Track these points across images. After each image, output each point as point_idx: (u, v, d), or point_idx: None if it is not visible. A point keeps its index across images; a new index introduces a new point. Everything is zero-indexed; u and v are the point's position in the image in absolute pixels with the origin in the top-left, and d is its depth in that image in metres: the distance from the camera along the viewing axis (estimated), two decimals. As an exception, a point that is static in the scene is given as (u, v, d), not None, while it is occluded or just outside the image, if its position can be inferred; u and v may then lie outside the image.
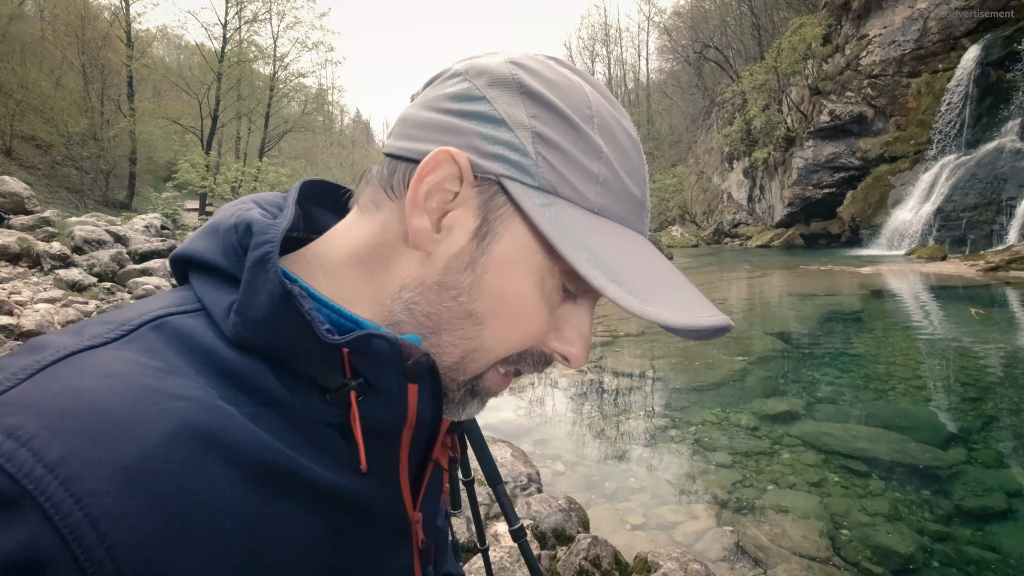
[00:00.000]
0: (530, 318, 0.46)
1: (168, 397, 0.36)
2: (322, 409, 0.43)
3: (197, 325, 0.42)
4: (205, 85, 29.52)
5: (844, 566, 2.48)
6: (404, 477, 0.48)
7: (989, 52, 16.77)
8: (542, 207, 0.44)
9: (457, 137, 0.45)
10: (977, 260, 12.42)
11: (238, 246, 0.44)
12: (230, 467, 0.36)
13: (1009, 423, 3.91)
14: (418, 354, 0.43)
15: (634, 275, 0.43)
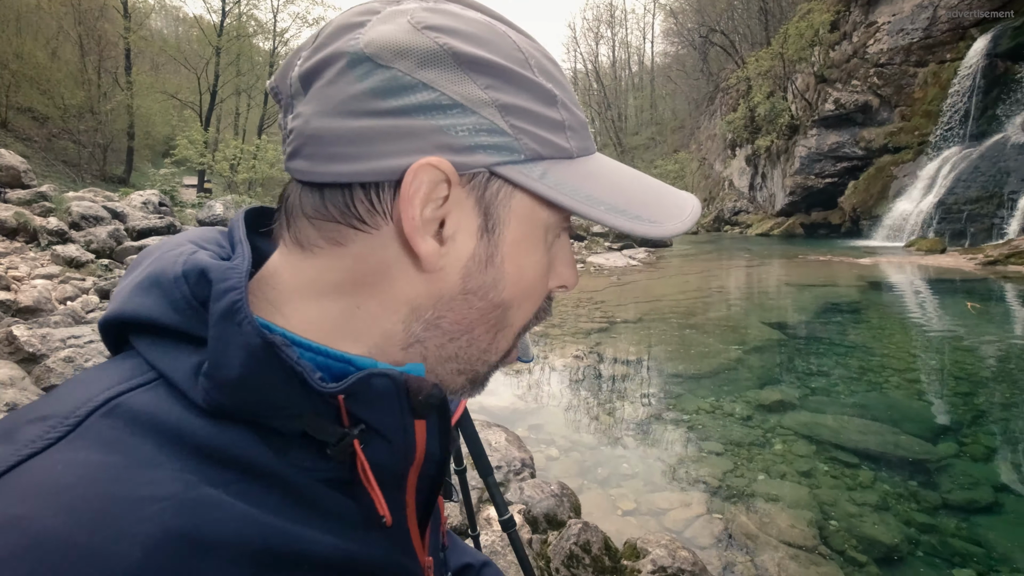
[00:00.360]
0: (544, 276, 0.46)
1: (138, 503, 0.30)
2: (318, 466, 0.39)
3: (157, 400, 0.36)
4: (204, 60, 29.15)
5: (830, 555, 2.52)
6: (413, 524, 0.45)
7: (998, 43, 16.58)
8: (541, 179, 0.41)
9: (416, 140, 0.38)
10: (976, 254, 12.42)
11: (191, 298, 0.38)
12: (227, 567, 0.32)
13: (1000, 417, 3.95)
14: (428, 387, 0.39)
15: (638, 203, 0.44)
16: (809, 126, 23.76)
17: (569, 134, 0.43)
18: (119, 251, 8.24)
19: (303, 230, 0.41)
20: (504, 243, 0.42)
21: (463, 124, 0.39)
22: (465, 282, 0.42)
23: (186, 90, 30.46)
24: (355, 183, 0.39)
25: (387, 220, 0.39)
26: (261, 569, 0.33)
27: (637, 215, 0.43)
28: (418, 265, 0.40)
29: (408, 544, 0.45)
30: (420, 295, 0.41)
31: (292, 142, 0.40)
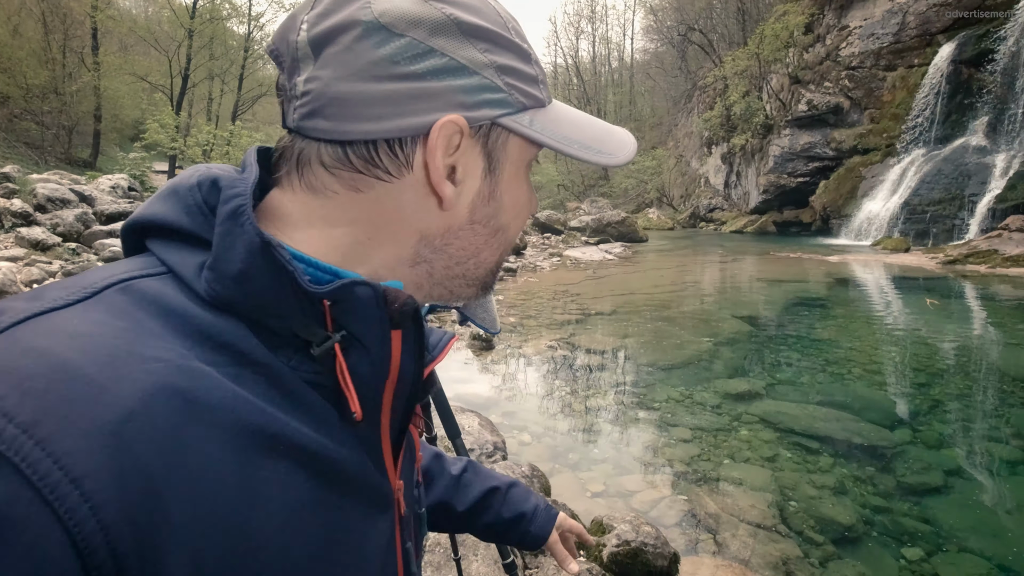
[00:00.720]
0: (528, 201, 0.55)
1: (141, 359, 0.34)
2: (304, 366, 0.42)
3: (165, 287, 0.40)
4: (175, 42, 28.28)
5: (788, 533, 2.63)
6: (386, 441, 0.48)
7: (963, 50, 17.11)
8: (530, 126, 0.48)
9: (435, 100, 0.44)
10: (937, 253, 12.86)
11: (203, 204, 0.43)
12: (213, 429, 0.35)
13: (953, 407, 4.14)
14: (403, 297, 0.43)
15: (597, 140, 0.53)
16: (783, 126, 24.21)
17: (541, 86, 0.50)
18: (87, 235, 8.00)
19: (320, 178, 0.45)
20: (502, 179, 0.50)
21: (469, 84, 0.45)
22: (472, 214, 0.49)
23: (156, 73, 29.49)
24: (380, 139, 0.44)
25: (409, 169, 0.45)
26: (239, 441, 0.36)
27: (599, 150, 0.52)
28: (436, 205, 0.47)
29: (380, 461, 0.48)
30: (431, 227, 0.48)
31: (309, 103, 0.44)
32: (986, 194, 14.37)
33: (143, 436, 0.32)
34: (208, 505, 0.34)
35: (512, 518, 0.87)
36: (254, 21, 31.59)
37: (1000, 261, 11.02)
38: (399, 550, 0.52)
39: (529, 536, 0.87)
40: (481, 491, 0.86)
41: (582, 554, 2.14)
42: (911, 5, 19.33)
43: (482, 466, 0.90)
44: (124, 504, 0.31)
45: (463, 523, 0.86)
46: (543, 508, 0.90)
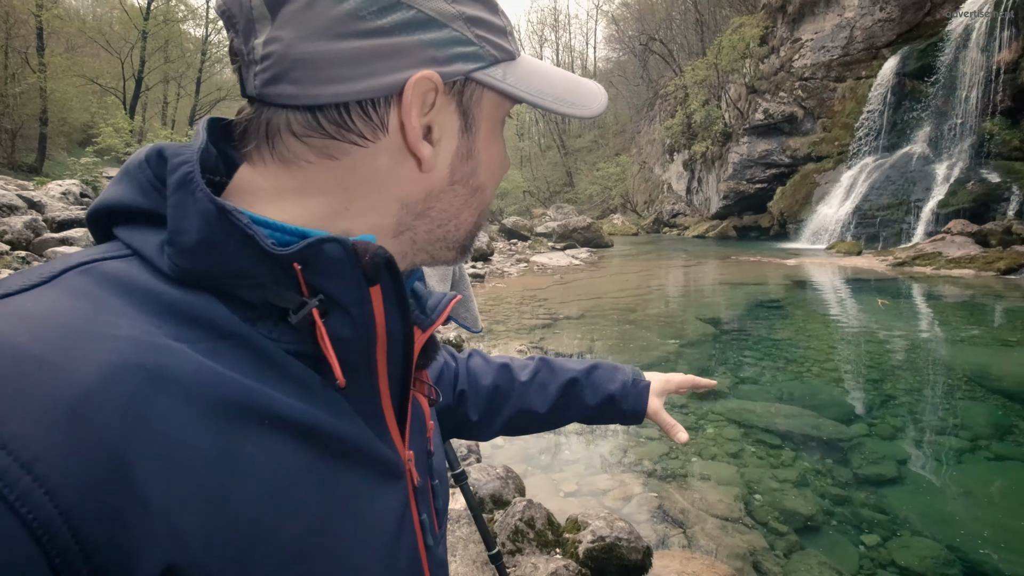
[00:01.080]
0: (504, 158, 0.53)
1: (101, 336, 0.32)
2: (285, 337, 0.40)
3: (130, 267, 0.38)
4: (128, 43, 27.36)
5: (754, 525, 2.72)
6: (388, 410, 0.46)
7: (906, 63, 18.04)
8: (504, 80, 0.46)
9: (405, 56, 0.41)
10: (887, 256, 13.47)
11: (154, 179, 0.41)
12: (185, 402, 0.33)
13: (904, 401, 4.34)
14: (372, 248, 0.40)
15: (569, 92, 0.51)
16: (741, 134, 25.00)
17: (510, 38, 0.49)
18: (37, 243, 7.65)
19: (291, 148, 0.42)
20: (478, 137, 0.48)
21: (440, 37, 0.42)
22: (452, 175, 0.47)
23: (107, 75, 28.44)
24: (351, 101, 0.41)
25: (384, 132, 0.42)
26: (216, 415, 0.34)
27: (572, 102, 0.50)
28: (415, 168, 0.45)
29: (384, 430, 0.46)
30: (411, 192, 0.46)
31: (271, 68, 0.40)
32: (930, 200, 15.14)
33: (104, 412, 0.30)
34: (186, 480, 0.32)
35: (600, 403, 0.85)
36: (212, 24, 30.85)
37: (944, 263, 11.61)
38: (416, 522, 0.49)
39: (626, 416, 0.86)
40: (559, 387, 0.84)
41: (557, 552, 2.17)
42: (858, 20, 20.28)
43: (556, 360, 0.87)
44: (86, 485, 0.29)
45: (551, 422, 0.85)
46: (632, 383, 0.86)
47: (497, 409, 0.82)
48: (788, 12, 23.29)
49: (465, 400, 0.80)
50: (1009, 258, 10.65)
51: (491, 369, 0.83)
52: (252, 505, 0.34)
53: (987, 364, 5.08)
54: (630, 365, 0.91)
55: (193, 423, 0.33)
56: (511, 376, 0.84)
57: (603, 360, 0.90)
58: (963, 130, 15.91)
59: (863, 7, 20.06)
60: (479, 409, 0.81)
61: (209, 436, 0.33)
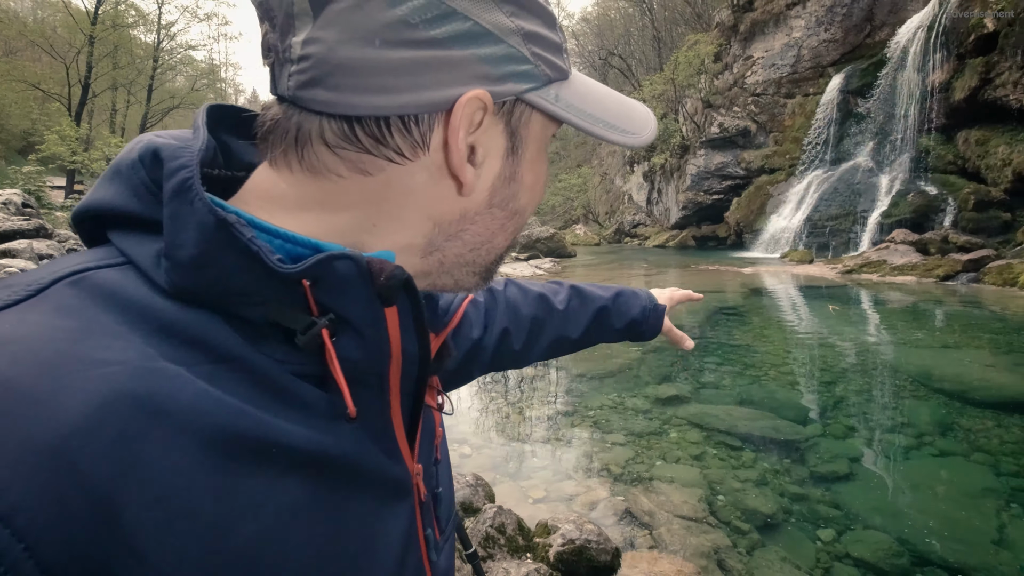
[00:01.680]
0: (545, 180, 0.50)
1: (89, 363, 0.29)
2: (291, 358, 0.37)
3: (123, 278, 0.35)
4: (74, 48, 26.28)
5: (718, 524, 2.79)
6: (399, 425, 0.44)
7: (850, 81, 19.03)
8: (556, 102, 0.43)
9: (456, 71, 0.38)
10: (837, 264, 14.07)
11: (149, 183, 0.37)
12: (181, 437, 0.30)
13: (855, 402, 4.53)
14: (389, 269, 0.37)
15: (621, 117, 0.48)
16: (698, 147, 25.78)
17: (564, 55, 0.45)
18: (-29, 256, 7.23)
19: (321, 158, 0.39)
20: (523, 160, 0.45)
21: (495, 54, 0.39)
22: (491, 198, 0.44)
23: (51, 81, 27.25)
24: (392, 115, 0.38)
25: (425, 151, 0.39)
26: (216, 448, 0.32)
27: (624, 129, 0.47)
28: (453, 189, 0.42)
29: (394, 448, 0.43)
30: (446, 212, 0.42)
31: (309, 70, 0.37)
32: (874, 211, 15.92)
33: (91, 453, 0.27)
34: (182, 526, 0.30)
35: (625, 327, 0.93)
36: (164, 30, 30.01)
37: (888, 270, 12.21)
38: (421, 538, 0.47)
39: (645, 336, 0.96)
40: (590, 315, 0.90)
41: (528, 557, 2.18)
42: (805, 40, 21.29)
43: (585, 287, 0.92)
44: (70, 538, 0.26)
45: (581, 345, 0.92)
46: (650, 308, 0.95)
47: (536, 338, 0.86)
48: (740, 31, 24.26)
49: (509, 336, 0.82)
50: (947, 265, 11.28)
51: (530, 300, 0.86)
52: (254, 543, 0.32)
53: (930, 365, 5.35)
54: (644, 289, 0.99)
55: (189, 459, 0.30)
56: (549, 306, 0.87)
57: (623, 287, 0.97)
58: (903, 145, 16.84)
59: (809, 28, 21.09)
60: (521, 339, 0.83)
61: (207, 472, 0.31)
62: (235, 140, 0.47)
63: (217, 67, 41.44)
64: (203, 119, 0.42)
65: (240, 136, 0.47)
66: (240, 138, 0.47)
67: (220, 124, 0.46)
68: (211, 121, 0.44)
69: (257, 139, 0.42)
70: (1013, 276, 9.90)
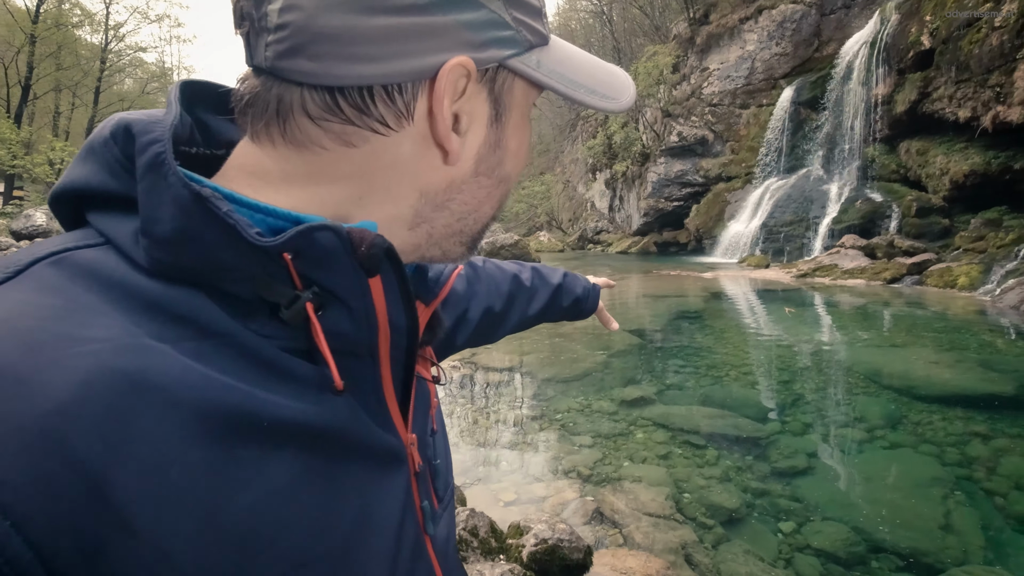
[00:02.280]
0: (529, 145, 0.49)
1: (73, 341, 0.29)
2: (278, 332, 0.36)
3: (105, 257, 0.34)
4: (13, 47, 25.05)
5: (684, 520, 2.85)
6: (390, 395, 0.43)
7: (800, 93, 19.84)
8: (538, 68, 0.43)
9: (439, 38, 0.37)
10: (791, 268, 14.58)
11: (123, 159, 0.37)
12: (170, 411, 0.30)
13: (812, 399, 4.70)
14: (369, 238, 0.36)
15: (602, 83, 0.47)
16: (658, 155, 26.35)
17: (544, 20, 0.45)
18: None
19: (304, 131, 0.38)
20: (507, 126, 0.44)
21: (477, 19, 0.38)
22: (477, 166, 0.43)
23: (-12, 81, 25.92)
24: (376, 84, 0.37)
25: (409, 120, 0.39)
26: (205, 423, 0.31)
27: (604, 95, 0.47)
28: (439, 159, 0.41)
29: (387, 418, 0.43)
30: (433, 182, 0.42)
31: (287, 39, 0.35)
32: (825, 217, 16.58)
33: (79, 429, 0.27)
34: (175, 500, 0.29)
35: (571, 304, 1.00)
36: (112, 31, 28.91)
37: (840, 274, 12.73)
38: (418, 509, 0.47)
39: (584, 313, 1.04)
40: (549, 293, 0.96)
41: (502, 558, 2.17)
42: (758, 53, 22.09)
43: (542, 268, 0.98)
44: (60, 514, 0.26)
45: (536, 322, 0.97)
46: (590, 287, 1.04)
47: (509, 314, 0.90)
48: (697, 43, 25.00)
49: (491, 311, 0.85)
50: (893, 268, 11.84)
51: (507, 277, 0.90)
52: (247, 517, 0.32)
53: (879, 363, 5.61)
54: (579, 274, 1.08)
55: (180, 433, 0.30)
56: (520, 284, 0.92)
57: (566, 270, 1.05)
58: (850, 154, 17.63)
59: (761, 42, 21.90)
60: (500, 315, 0.88)
61: (198, 447, 0.30)
62: (213, 117, 0.45)
63: (169, 70, 40.06)
64: (176, 95, 0.40)
65: (219, 113, 0.46)
66: (221, 115, 0.46)
67: (198, 102, 0.44)
68: (187, 99, 0.43)
69: (235, 113, 0.40)
70: (953, 278, 10.46)
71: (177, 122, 0.38)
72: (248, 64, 0.39)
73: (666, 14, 33.83)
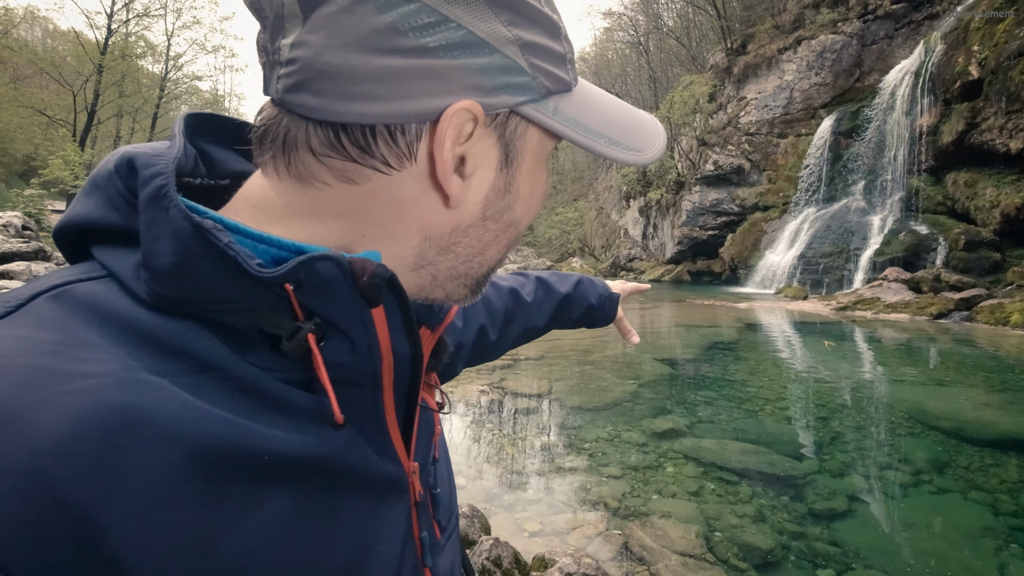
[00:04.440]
0: (544, 191, 0.48)
1: (68, 376, 0.29)
2: (279, 365, 0.36)
3: (106, 291, 0.34)
4: (82, 76, 26.82)
5: (715, 561, 2.74)
6: (393, 424, 0.43)
7: (840, 123, 19.53)
8: (554, 116, 0.42)
9: (446, 81, 0.37)
10: (831, 300, 14.15)
11: (126, 193, 0.37)
12: (165, 448, 0.29)
13: (851, 438, 4.51)
14: (371, 268, 0.36)
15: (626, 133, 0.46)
16: (693, 183, 26.19)
17: (569, 66, 0.44)
18: (-32, 277, 7.24)
19: (308, 166, 0.38)
20: (519, 172, 0.43)
21: (488, 64, 0.38)
22: (485, 209, 0.43)
23: (56, 107, 27.75)
24: (378, 124, 0.37)
25: (411, 161, 0.38)
26: (201, 459, 0.31)
27: (628, 146, 0.45)
28: (441, 202, 0.40)
29: (388, 447, 0.42)
30: (436, 226, 0.41)
31: (295, 74, 0.36)
32: (867, 249, 16.11)
33: (70, 469, 0.27)
34: (166, 538, 0.29)
35: (582, 314, 0.98)
36: (172, 61, 30.67)
37: (882, 307, 12.29)
38: (416, 540, 0.46)
39: (600, 322, 1.00)
40: (554, 305, 0.94)
41: (523, 590, 2.13)
42: (796, 83, 21.91)
43: (549, 278, 0.96)
44: (48, 557, 0.26)
45: (545, 332, 0.96)
46: (606, 296, 1.00)
47: (507, 330, 0.88)
48: (734, 73, 24.98)
49: (485, 331, 0.84)
50: (940, 303, 11.37)
51: (501, 294, 0.88)
52: (242, 555, 0.32)
53: (925, 402, 5.35)
54: (599, 279, 1.04)
55: (175, 470, 0.30)
56: (519, 299, 0.90)
57: (582, 275, 1.02)
58: (893, 185, 17.18)
59: (800, 72, 21.74)
60: (495, 333, 0.86)
61: (193, 483, 0.30)
62: (216, 149, 0.46)
63: (222, 97, 42.24)
64: (180, 127, 0.41)
65: (226, 145, 0.47)
66: (226, 146, 0.47)
67: (203, 134, 0.45)
68: (191, 131, 0.44)
69: (252, 143, 0.41)
70: (1005, 315, 9.98)
71: (181, 154, 0.39)
72: (264, 94, 0.40)
73: (703, 44, 33.98)
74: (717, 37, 29.03)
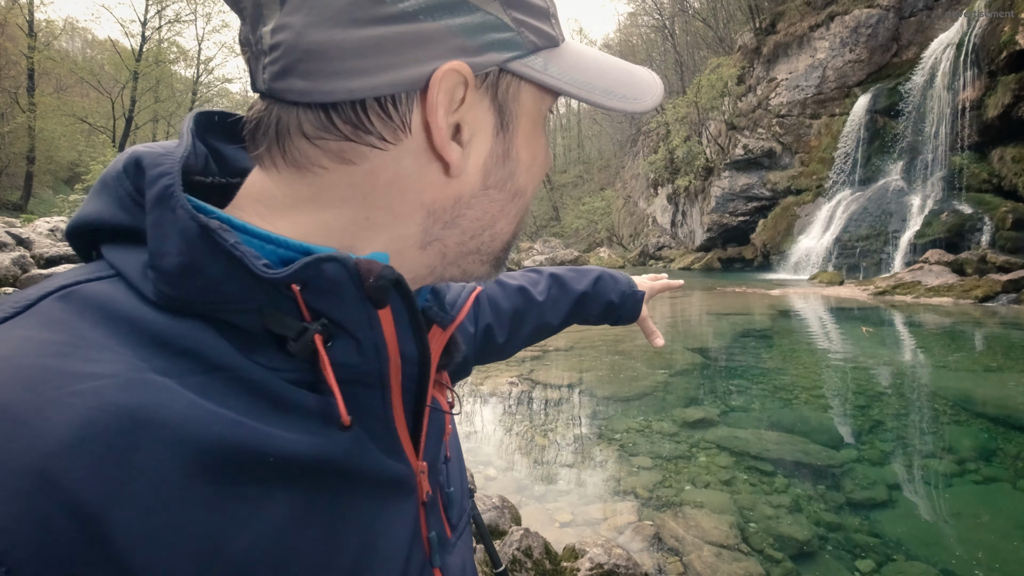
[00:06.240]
0: (546, 156, 0.47)
1: (75, 377, 0.29)
2: (286, 365, 0.36)
3: (113, 290, 0.34)
4: (119, 84, 27.79)
5: (750, 552, 2.71)
6: (401, 424, 0.43)
7: (877, 101, 18.80)
8: (545, 71, 0.41)
9: (431, 46, 0.36)
10: (868, 285, 13.72)
11: (134, 192, 0.37)
12: (172, 449, 0.29)
13: (892, 426, 4.39)
14: (377, 270, 0.36)
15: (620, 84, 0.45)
16: (722, 168, 25.63)
17: (554, 21, 0.43)
18: (25, 279, 7.62)
19: (303, 151, 0.37)
20: (517, 135, 0.43)
21: (471, 23, 0.37)
22: (486, 178, 0.42)
23: (96, 114, 28.85)
24: (369, 97, 0.36)
25: (407, 133, 0.38)
26: (208, 459, 0.31)
27: (623, 95, 0.44)
28: (441, 172, 0.40)
29: (396, 447, 0.42)
30: (439, 199, 0.41)
31: (280, 59, 0.35)
32: (907, 231, 15.54)
33: (77, 470, 0.27)
34: (172, 539, 0.29)
35: (602, 311, 0.94)
36: (203, 65, 31.45)
37: (923, 291, 11.86)
38: (425, 540, 0.46)
39: (622, 320, 0.96)
40: (570, 302, 0.91)
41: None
42: (829, 61, 21.17)
43: (565, 275, 0.93)
44: (55, 558, 0.26)
45: (561, 328, 0.93)
46: (629, 293, 0.96)
47: (517, 330, 0.86)
48: (763, 53, 24.27)
49: (492, 331, 0.82)
50: (986, 286, 10.91)
51: (509, 293, 0.86)
52: (248, 556, 0.32)
53: (970, 389, 5.16)
54: (624, 274, 1.00)
55: (182, 471, 0.30)
56: (529, 298, 0.88)
57: (604, 269, 0.98)
58: (934, 164, 16.49)
59: (833, 49, 20.98)
60: (504, 333, 0.84)
61: (200, 484, 0.30)
62: (226, 146, 0.46)
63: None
64: (189, 126, 0.41)
65: (237, 142, 0.46)
66: (237, 144, 0.46)
67: (214, 131, 0.45)
68: (202, 128, 0.44)
69: (245, 140, 0.41)
70: (1057, 297, 9.52)
71: (190, 152, 0.39)
72: (252, 89, 0.39)
73: (730, 25, 33.12)
74: (745, 17, 28.24)
